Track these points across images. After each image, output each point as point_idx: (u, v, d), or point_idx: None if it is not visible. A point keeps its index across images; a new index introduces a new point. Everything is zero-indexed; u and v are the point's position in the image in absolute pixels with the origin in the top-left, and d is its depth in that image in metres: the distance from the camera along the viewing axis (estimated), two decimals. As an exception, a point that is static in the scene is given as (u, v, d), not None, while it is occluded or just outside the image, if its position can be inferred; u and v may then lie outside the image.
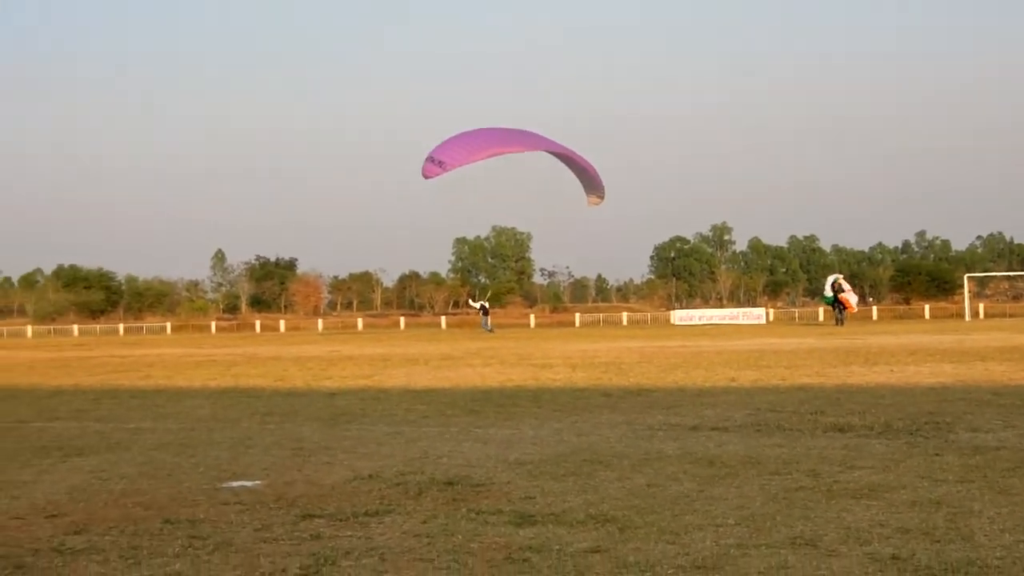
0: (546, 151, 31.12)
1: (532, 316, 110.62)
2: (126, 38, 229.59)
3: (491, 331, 70.26)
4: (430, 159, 28.52)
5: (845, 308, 67.86)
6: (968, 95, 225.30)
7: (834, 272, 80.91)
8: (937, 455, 10.82)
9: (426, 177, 28.52)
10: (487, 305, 75.23)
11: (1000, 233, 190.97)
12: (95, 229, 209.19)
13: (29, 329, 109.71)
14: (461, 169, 28.91)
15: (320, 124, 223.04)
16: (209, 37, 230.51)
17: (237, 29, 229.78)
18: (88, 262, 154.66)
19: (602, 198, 32.89)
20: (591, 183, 32.28)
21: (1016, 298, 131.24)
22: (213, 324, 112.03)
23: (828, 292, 69.35)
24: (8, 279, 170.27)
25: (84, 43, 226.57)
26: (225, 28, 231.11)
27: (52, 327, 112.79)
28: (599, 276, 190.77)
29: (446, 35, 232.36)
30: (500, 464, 10.86)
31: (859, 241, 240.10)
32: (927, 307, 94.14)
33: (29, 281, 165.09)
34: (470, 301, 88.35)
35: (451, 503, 8.85)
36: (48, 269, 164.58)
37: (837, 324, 66.16)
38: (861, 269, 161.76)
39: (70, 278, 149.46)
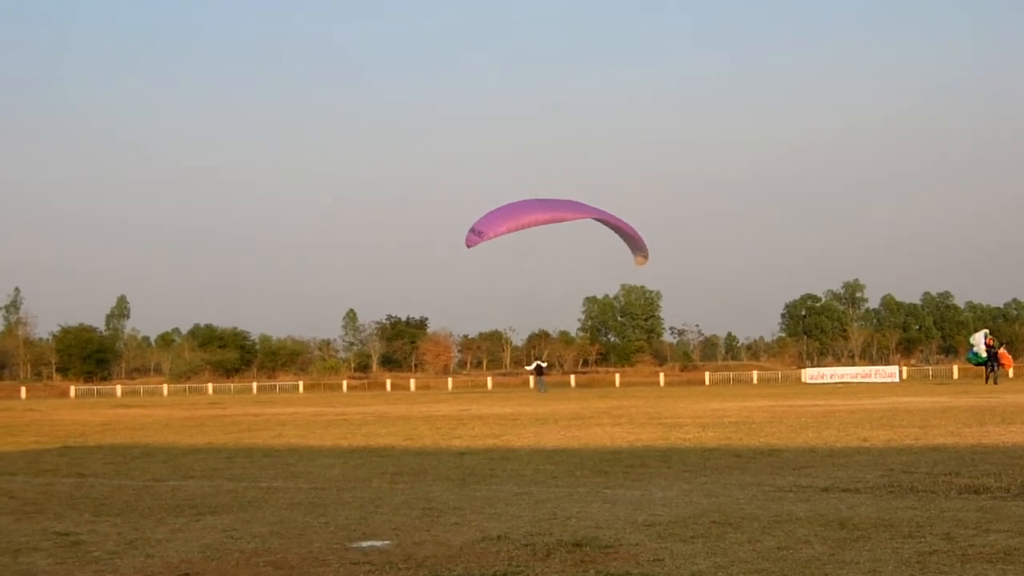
0: (589, 218, 32.38)
1: (662, 375, 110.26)
2: (264, 114, 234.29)
3: (544, 391, 70.11)
4: (471, 230, 30.46)
5: (1001, 364, 60.42)
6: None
7: (974, 329, 77.01)
8: (1077, 519, 10.56)
9: (468, 246, 30.78)
10: (543, 365, 75.25)
11: None
12: (230, 290, 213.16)
13: (165, 387, 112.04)
14: (506, 237, 30.93)
15: (449, 187, 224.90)
16: (342, 101, 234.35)
17: (361, 95, 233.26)
18: (223, 322, 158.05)
19: (647, 257, 33.98)
20: (635, 244, 33.46)
21: None
22: (344, 383, 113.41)
23: (981, 349, 59.88)
24: (146, 338, 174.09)
25: (227, 126, 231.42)
26: (352, 94, 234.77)
27: (187, 385, 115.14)
28: (729, 334, 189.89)
29: (569, 92, 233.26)
30: (629, 525, 10.81)
31: (994, 297, 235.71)
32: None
33: (166, 340, 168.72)
34: (526, 367, 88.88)
35: (579, 565, 8.83)
36: (184, 329, 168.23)
37: (989, 382, 57.72)
38: (996, 325, 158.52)
39: (205, 338, 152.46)
